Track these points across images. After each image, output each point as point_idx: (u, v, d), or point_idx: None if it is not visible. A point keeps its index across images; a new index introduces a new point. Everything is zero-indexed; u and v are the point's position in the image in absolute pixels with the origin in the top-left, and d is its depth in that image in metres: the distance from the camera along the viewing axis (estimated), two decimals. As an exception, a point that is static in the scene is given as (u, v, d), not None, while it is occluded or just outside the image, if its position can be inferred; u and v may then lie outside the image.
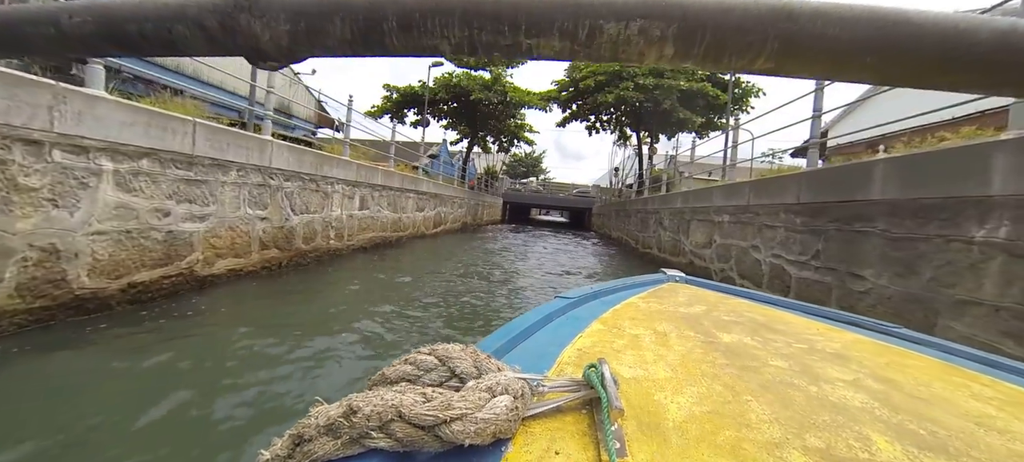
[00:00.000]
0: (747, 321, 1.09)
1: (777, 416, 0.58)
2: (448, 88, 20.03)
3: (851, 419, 0.59)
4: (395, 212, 10.38)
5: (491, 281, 7.33)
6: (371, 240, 9.04)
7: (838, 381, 0.72)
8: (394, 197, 10.29)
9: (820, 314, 1.27)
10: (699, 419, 0.56)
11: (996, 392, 0.74)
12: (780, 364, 0.79)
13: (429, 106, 20.66)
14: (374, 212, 9.17)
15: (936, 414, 0.63)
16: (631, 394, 0.62)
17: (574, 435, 0.51)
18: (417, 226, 12.03)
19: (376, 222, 9.25)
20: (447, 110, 22.33)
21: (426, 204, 12.74)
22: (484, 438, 0.46)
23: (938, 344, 1.03)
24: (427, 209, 12.88)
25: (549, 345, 0.81)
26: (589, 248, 15.57)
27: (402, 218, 10.83)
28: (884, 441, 0.54)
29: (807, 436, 0.54)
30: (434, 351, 0.56)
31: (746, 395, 0.64)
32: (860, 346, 0.96)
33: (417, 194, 11.89)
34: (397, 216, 10.54)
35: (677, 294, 1.38)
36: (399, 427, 0.45)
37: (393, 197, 10.22)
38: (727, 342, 0.90)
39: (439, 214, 14.14)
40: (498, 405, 0.48)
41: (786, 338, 0.96)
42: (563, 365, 0.72)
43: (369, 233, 8.98)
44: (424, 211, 12.58)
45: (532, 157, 50.43)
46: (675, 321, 1.04)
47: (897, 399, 0.67)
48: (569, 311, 1.05)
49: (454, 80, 19.94)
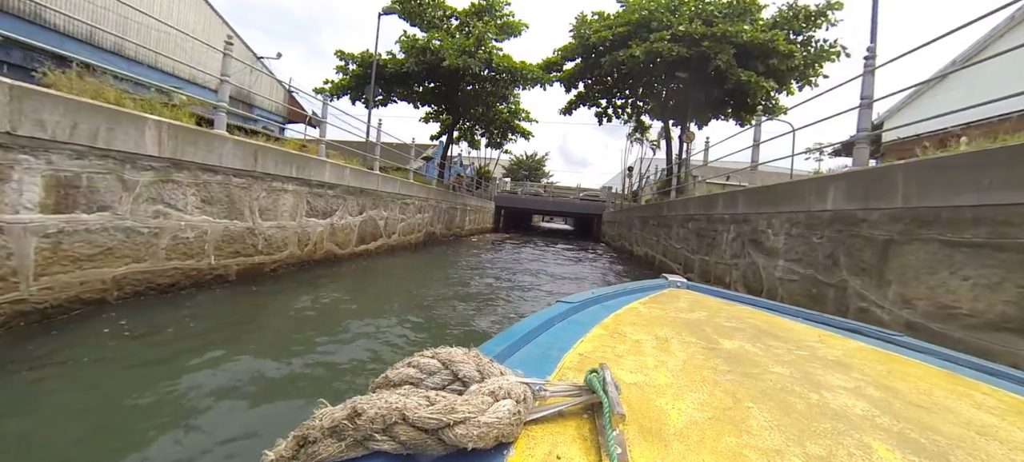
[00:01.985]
0: (748, 327, 1.10)
1: (778, 423, 0.59)
2: (416, 54, 14.11)
3: (852, 427, 0.59)
4: (235, 216, 5.20)
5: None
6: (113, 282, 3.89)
7: (839, 389, 0.72)
8: (234, 189, 5.13)
9: (821, 321, 1.26)
10: (700, 425, 0.57)
11: (998, 401, 0.74)
12: (781, 371, 0.79)
13: (397, 83, 15.64)
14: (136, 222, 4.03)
15: (937, 423, 0.63)
16: (632, 399, 0.63)
17: (576, 439, 0.51)
18: (312, 241, 6.80)
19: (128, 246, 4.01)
20: (423, 91, 16.56)
21: (338, 204, 7.52)
22: (487, 442, 0.47)
23: (939, 352, 1.01)
24: (342, 212, 7.65)
25: (551, 349, 0.81)
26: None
27: (258, 230, 5.62)
28: (885, 449, 0.54)
29: (808, 444, 0.54)
30: (437, 354, 0.57)
31: (747, 402, 0.65)
32: (861, 353, 0.96)
33: (309, 189, 6.69)
34: (247, 225, 5.36)
35: (678, 299, 1.40)
36: (403, 430, 0.46)
37: (229, 189, 5.07)
38: (728, 348, 0.91)
39: (371, 221, 8.83)
40: (501, 409, 0.49)
41: (787, 345, 0.96)
42: (565, 370, 0.73)
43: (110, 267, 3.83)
44: (332, 217, 7.35)
45: (534, 160, 45.09)
46: (676, 327, 1.05)
47: (898, 407, 0.67)
48: (571, 316, 1.05)
49: (421, 43, 13.99)
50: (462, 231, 17.08)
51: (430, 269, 8.68)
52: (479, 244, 15.25)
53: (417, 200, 11.50)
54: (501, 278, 8.08)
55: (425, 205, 12.23)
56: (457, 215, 16.25)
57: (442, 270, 8.52)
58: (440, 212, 13.84)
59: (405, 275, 7.86)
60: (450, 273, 8.10)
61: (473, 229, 19.10)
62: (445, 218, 14.54)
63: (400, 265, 8.66)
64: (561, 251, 15.76)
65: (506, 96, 17.67)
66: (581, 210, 28.74)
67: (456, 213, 16.11)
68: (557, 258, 13.00)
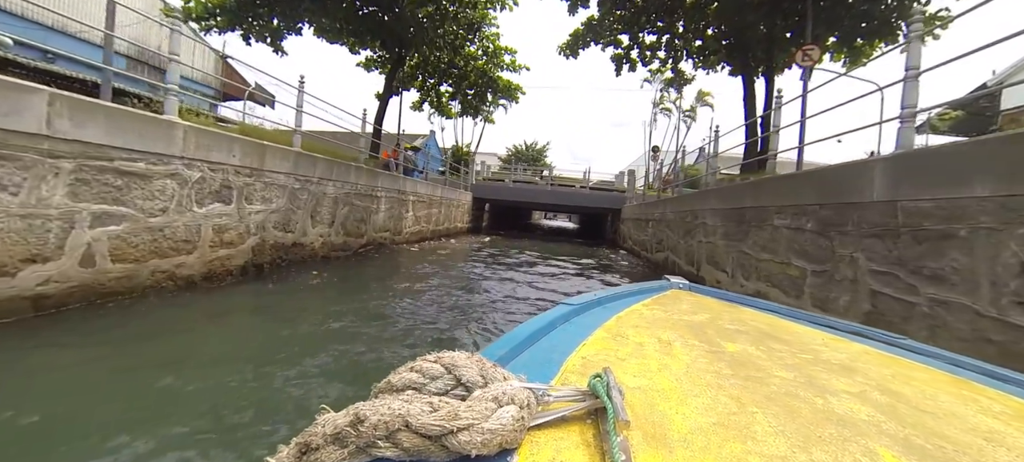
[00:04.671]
0: (752, 330, 1.09)
1: (783, 428, 0.59)
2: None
3: (857, 432, 0.59)
4: None
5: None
6: None
7: (844, 393, 0.72)
8: None
9: (824, 324, 1.25)
10: (705, 431, 0.57)
11: (1004, 407, 0.74)
12: (785, 375, 0.79)
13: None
14: None
15: (943, 428, 0.63)
16: (636, 404, 0.63)
17: (579, 445, 0.51)
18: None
19: None
20: (346, 6, 10.41)
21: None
22: (491, 448, 0.47)
23: (945, 356, 1.01)
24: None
25: (553, 353, 0.81)
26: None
27: None
28: (891, 456, 0.54)
29: (813, 450, 0.54)
30: (440, 359, 0.57)
31: (751, 406, 0.65)
32: (866, 357, 0.96)
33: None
34: None
35: (681, 302, 1.40)
36: (406, 437, 0.46)
37: None
38: (732, 352, 0.90)
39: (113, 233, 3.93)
40: (504, 415, 0.49)
41: (791, 348, 0.96)
42: (567, 373, 0.73)
43: None
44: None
45: (534, 149, 44.03)
46: (679, 329, 1.05)
47: (903, 412, 0.67)
48: (573, 318, 1.05)
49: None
50: (397, 238, 10.51)
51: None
52: (406, 264, 8.77)
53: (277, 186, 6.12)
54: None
55: (289, 194, 6.43)
56: (384, 210, 9.79)
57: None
58: (320, 201, 7.25)
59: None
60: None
61: (426, 231, 12.39)
62: (351, 215, 8.27)
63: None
64: (557, 276, 9.01)
65: (476, 24, 12.28)
66: (590, 203, 20.58)
67: (379, 206, 9.50)
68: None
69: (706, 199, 7.46)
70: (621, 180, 22.24)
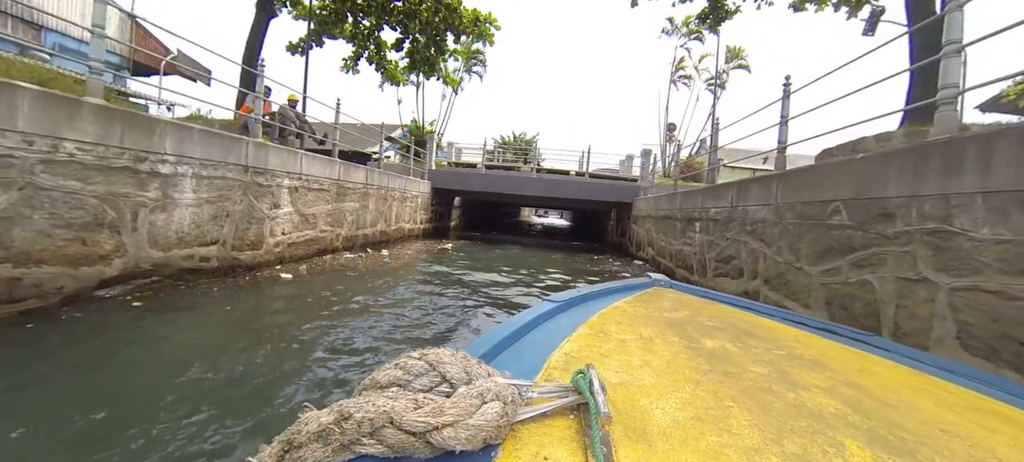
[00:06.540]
0: (729, 327, 1.13)
1: (757, 422, 0.61)
2: None
3: (826, 425, 0.62)
4: None
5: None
6: None
7: (814, 387, 0.76)
8: None
9: (797, 320, 1.29)
10: (683, 425, 0.59)
11: (959, 399, 0.78)
12: (760, 370, 0.82)
13: None
14: None
15: (904, 420, 0.66)
16: (617, 399, 0.64)
17: (562, 440, 0.52)
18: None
19: None
20: None
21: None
22: (474, 444, 0.48)
23: (907, 352, 1.06)
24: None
25: (537, 349, 0.82)
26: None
27: None
28: (856, 447, 0.57)
29: (785, 442, 0.57)
30: (424, 356, 0.57)
31: (727, 401, 0.67)
32: (835, 352, 1.00)
33: None
34: None
35: (662, 299, 1.42)
36: (390, 433, 0.46)
37: None
38: (710, 347, 0.93)
39: None
40: (488, 412, 0.50)
41: (766, 344, 1.00)
42: (551, 370, 0.74)
43: None
44: None
45: (523, 140, 42.45)
46: (660, 326, 1.07)
47: (868, 405, 0.70)
48: (557, 315, 1.06)
49: None
50: (251, 252, 5.21)
51: None
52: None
53: None
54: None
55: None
56: (193, 203, 4.41)
57: None
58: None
59: None
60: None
61: (333, 239, 7.40)
62: (53, 216, 3.08)
63: None
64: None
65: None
66: (587, 196, 14.05)
67: (171, 193, 4.16)
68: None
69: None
70: (628, 167, 17.39)
